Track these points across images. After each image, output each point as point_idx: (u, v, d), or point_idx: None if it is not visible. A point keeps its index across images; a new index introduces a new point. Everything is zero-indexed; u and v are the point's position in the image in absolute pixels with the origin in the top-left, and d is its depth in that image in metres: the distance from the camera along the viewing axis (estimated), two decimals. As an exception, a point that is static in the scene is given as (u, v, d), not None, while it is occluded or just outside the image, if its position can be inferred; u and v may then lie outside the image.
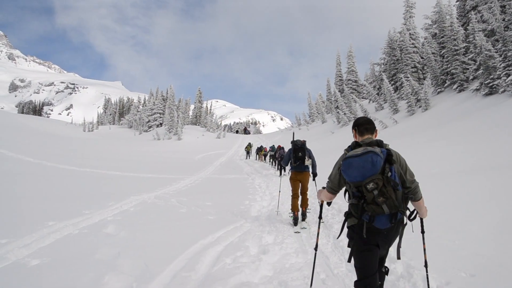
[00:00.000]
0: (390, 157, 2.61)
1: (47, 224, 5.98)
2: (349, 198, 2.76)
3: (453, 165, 9.57)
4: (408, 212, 2.80)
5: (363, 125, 2.85)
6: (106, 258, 4.58)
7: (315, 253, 3.53)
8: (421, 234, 3.22)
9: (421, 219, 3.10)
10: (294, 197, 7.26)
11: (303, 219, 7.06)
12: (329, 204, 3.12)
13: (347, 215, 2.79)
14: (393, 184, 2.55)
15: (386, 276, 2.99)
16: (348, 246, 2.83)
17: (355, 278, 3.60)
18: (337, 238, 3.31)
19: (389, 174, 2.56)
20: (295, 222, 6.93)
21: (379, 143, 2.70)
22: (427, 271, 3.27)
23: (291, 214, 7.20)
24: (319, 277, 4.17)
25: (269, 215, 7.79)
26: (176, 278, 4.03)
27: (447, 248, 4.54)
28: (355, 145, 2.75)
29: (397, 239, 2.82)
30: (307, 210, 7.37)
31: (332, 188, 2.89)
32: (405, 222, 2.79)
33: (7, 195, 8.44)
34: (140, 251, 4.94)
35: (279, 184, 10.80)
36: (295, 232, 6.43)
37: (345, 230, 2.90)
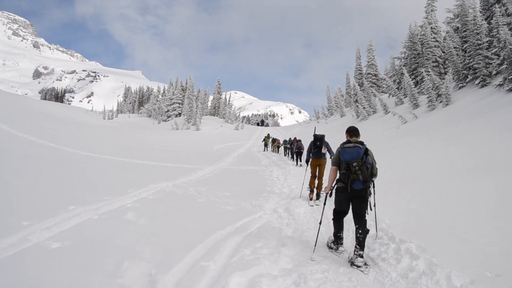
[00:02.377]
0: (366, 151, 4.56)
1: (67, 208, 6.06)
2: (341, 170, 4.78)
3: (477, 161, 9.29)
4: (373, 183, 4.90)
5: (353, 132, 4.82)
6: (126, 245, 4.60)
7: (319, 226, 5.16)
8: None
9: (373, 180, 4.86)
10: (312, 176, 8.96)
11: (317, 198, 8.52)
12: (330, 195, 4.93)
13: (337, 180, 4.82)
14: (366, 165, 4.53)
15: (367, 234, 4.58)
16: (330, 195, 4.96)
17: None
18: (330, 196, 5.00)
19: (365, 159, 4.52)
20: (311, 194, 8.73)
21: (361, 143, 4.62)
22: (375, 211, 5.43)
23: (309, 188, 8.89)
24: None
25: (287, 208, 7.73)
26: (196, 267, 4.01)
27: (472, 244, 4.40)
28: (347, 142, 4.76)
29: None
30: (321, 192, 8.61)
31: (335, 163, 4.89)
32: (370, 188, 4.68)
33: (29, 178, 8.58)
34: (159, 238, 4.95)
35: (297, 176, 12.20)
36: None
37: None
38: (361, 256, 4.38)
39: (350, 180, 4.56)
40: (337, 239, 4.89)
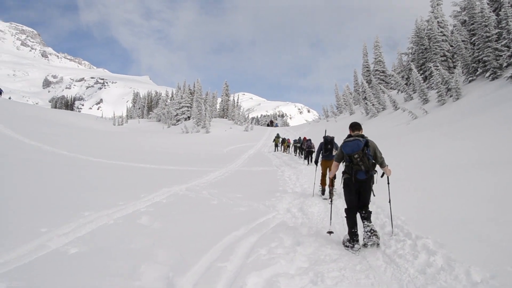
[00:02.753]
0: (367, 143, 5.00)
1: (83, 214, 6.12)
2: (345, 162, 5.21)
3: (488, 156, 9.17)
4: (376, 173, 5.19)
5: (355, 127, 5.28)
6: (142, 248, 4.64)
7: (331, 205, 6.10)
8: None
9: (387, 176, 5.48)
10: (323, 175, 9.55)
11: (330, 196, 8.68)
12: (334, 177, 5.79)
13: (343, 172, 5.22)
14: (367, 156, 4.97)
15: (371, 213, 5.17)
16: (334, 178, 5.81)
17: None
18: (335, 179, 5.82)
19: (366, 151, 4.97)
20: (323, 193, 9.25)
21: (362, 136, 5.09)
22: (390, 207, 5.67)
23: (320, 187, 9.43)
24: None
25: (301, 207, 7.72)
26: (212, 269, 4.02)
27: (490, 240, 4.34)
28: (349, 136, 5.21)
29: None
30: (334, 190, 8.81)
31: (337, 159, 5.39)
32: (374, 177, 5.12)
33: (44, 185, 8.68)
34: (174, 241, 4.98)
35: (308, 176, 12.53)
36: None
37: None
38: (369, 223, 4.99)
39: (354, 171, 5.02)
40: (352, 235, 4.95)
